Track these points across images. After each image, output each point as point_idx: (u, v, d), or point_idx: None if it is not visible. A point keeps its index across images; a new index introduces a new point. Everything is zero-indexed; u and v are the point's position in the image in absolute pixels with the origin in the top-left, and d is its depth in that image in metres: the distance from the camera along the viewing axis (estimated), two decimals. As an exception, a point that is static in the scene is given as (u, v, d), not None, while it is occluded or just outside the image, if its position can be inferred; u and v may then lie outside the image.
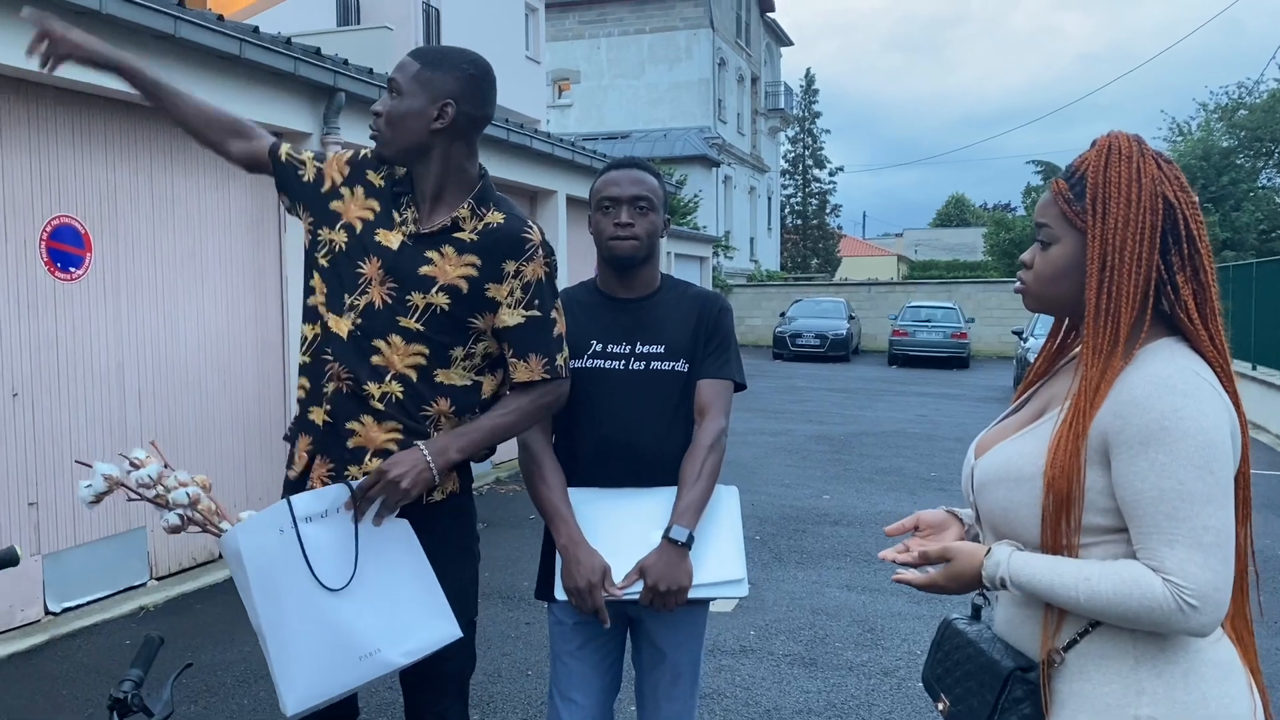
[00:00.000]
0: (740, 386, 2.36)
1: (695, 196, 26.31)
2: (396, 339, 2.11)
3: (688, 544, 2.12)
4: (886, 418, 13.26)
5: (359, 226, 2.16)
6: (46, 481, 4.93)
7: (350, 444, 2.13)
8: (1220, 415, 1.40)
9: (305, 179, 2.24)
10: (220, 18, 5.44)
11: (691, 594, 2.14)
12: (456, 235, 2.14)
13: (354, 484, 2.03)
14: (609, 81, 31.98)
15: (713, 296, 2.40)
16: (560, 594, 2.15)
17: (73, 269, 5.07)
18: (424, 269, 2.12)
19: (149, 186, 5.51)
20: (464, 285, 2.13)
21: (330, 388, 2.14)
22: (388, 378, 2.12)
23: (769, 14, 38.60)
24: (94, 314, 5.18)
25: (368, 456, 2.12)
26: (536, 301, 2.17)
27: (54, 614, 4.96)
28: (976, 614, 1.72)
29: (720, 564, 2.18)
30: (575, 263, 10.42)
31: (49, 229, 4.94)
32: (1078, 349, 1.70)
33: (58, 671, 4.39)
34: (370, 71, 6.81)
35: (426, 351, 2.13)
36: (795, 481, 8.76)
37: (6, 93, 4.73)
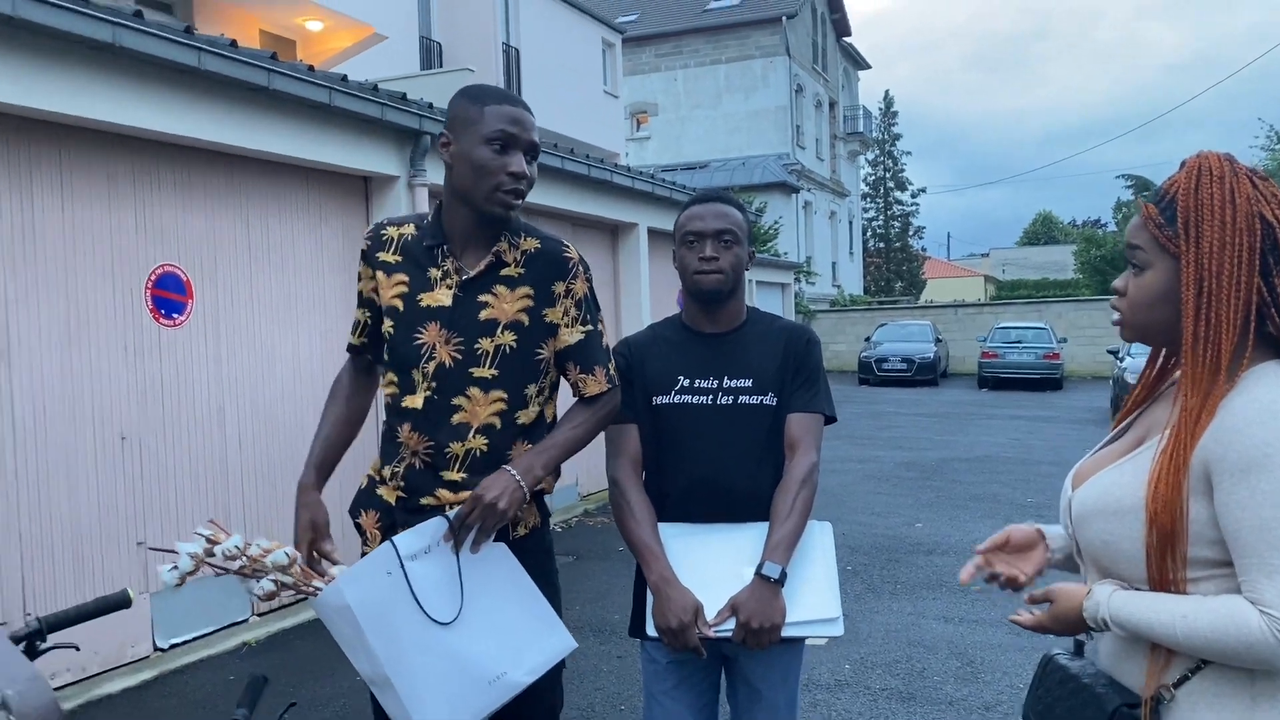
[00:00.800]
0: (830, 419, 2.33)
1: (776, 223, 26.24)
2: (475, 391, 2.10)
3: (781, 581, 2.10)
4: (978, 442, 12.96)
5: (400, 305, 2.14)
6: (154, 522, 5.10)
7: (424, 515, 2.10)
8: None
9: (369, 323, 2.29)
10: (311, 68, 5.63)
11: (785, 632, 2.10)
12: (503, 272, 2.14)
13: (450, 514, 2.02)
14: (686, 112, 32.18)
15: (800, 329, 2.39)
16: (652, 631, 2.14)
17: (176, 315, 5.26)
18: (483, 314, 2.11)
19: (246, 233, 5.71)
20: (525, 318, 2.14)
21: (403, 466, 2.14)
22: (471, 434, 2.10)
23: (845, 39, 38.47)
24: (196, 358, 5.37)
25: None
26: (589, 316, 2.22)
27: (161, 650, 5.11)
28: (1079, 649, 1.67)
29: (814, 602, 2.15)
30: (657, 293, 10.47)
31: (154, 277, 5.15)
32: (1178, 374, 1.64)
33: (166, 706, 4.53)
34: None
35: (505, 396, 2.12)
36: (886, 510, 8.60)
37: (114, 149, 4.96)
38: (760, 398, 2.28)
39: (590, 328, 2.21)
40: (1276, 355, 1.43)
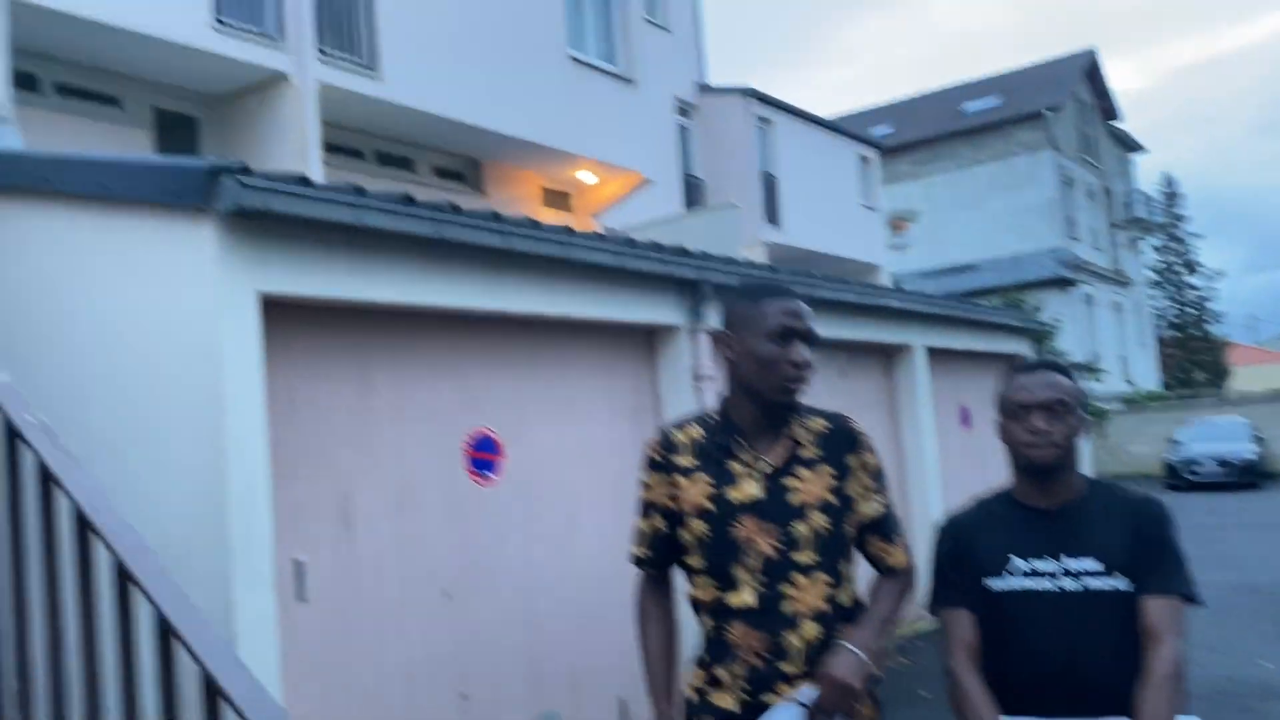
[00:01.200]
0: (1192, 599, 2.15)
1: (1054, 321, 24.92)
2: (800, 578, 2.12)
3: None
4: (1324, 559, 11.45)
5: (711, 505, 2.17)
6: (477, 676, 5.40)
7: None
8: None
9: (665, 531, 2.30)
10: (600, 236, 6.01)
11: None
12: (801, 454, 2.19)
13: (804, 700, 1.99)
14: (948, 215, 31.50)
15: (1151, 501, 2.24)
16: None
17: (489, 474, 5.65)
18: (793, 499, 2.15)
19: (547, 391, 6.08)
20: (833, 498, 2.17)
21: (742, 666, 2.13)
22: (803, 622, 2.11)
23: (1114, 122, 36.61)
24: (509, 515, 5.72)
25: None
26: (882, 486, 2.26)
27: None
28: None
29: None
30: (941, 416, 10.13)
31: (470, 439, 5.57)
32: None
33: None
34: (730, 260, 7.19)
35: (828, 579, 2.13)
36: (1221, 645, 7.72)
37: (433, 326, 5.48)
38: (1112, 583, 2.13)
39: (887, 499, 2.27)
40: None
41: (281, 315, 4.57)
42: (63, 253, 4.83)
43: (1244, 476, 20.42)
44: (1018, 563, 2.18)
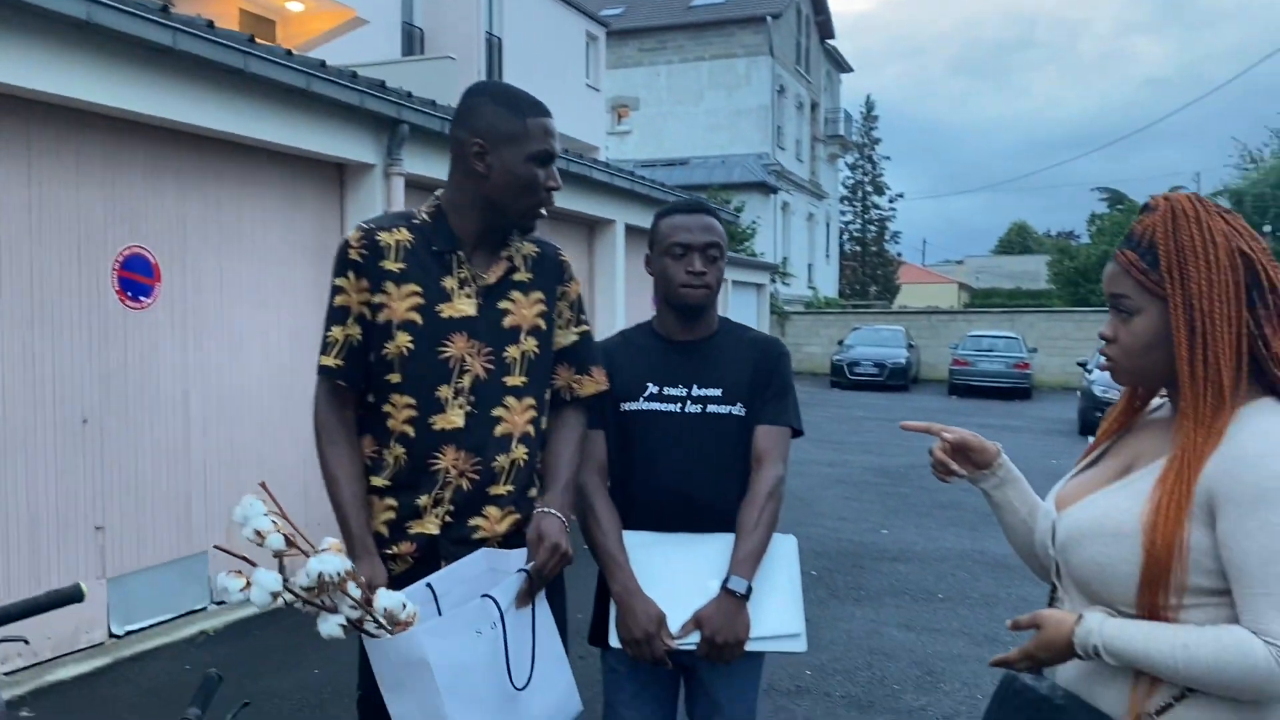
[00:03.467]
0: (798, 433, 2.32)
1: (754, 223, 26.27)
2: (511, 400, 2.05)
3: (746, 595, 2.09)
4: (946, 449, 13.02)
5: (419, 319, 2.01)
6: (113, 507, 5.03)
7: (472, 538, 2.02)
8: None
9: (360, 341, 2.05)
10: (289, 53, 5.56)
11: (748, 647, 2.10)
12: (515, 278, 2.10)
13: (527, 569, 1.93)
14: (668, 108, 32.16)
15: (772, 341, 2.38)
16: (615, 641, 2.12)
17: (143, 298, 5.19)
18: (506, 320, 2.06)
19: (217, 217, 5.63)
20: (542, 323, 2.11)
21: (447, 490, 2.02)
22: (513, 444, 2.05)
23: (829, 40, 38.57)
24: (162, 343, 5.30)
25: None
26: (582, 316, 2.24)
27: (117, 637, 5.04)
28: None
29: (778, 617, 2.14)
30: (633, 290, 10.45)
31: (121, 259, 5.07)
32: (1158, 404, 1.65)
33: (120, 694, 4.46)
34: (434, 104, 6.90)
35: (533, 403, 2.08)
36: (853, 515, 8.64)
37: (83, 127, 4.88)
38: (729, 408, 2.26)
39: (585, 328, 2.23)
40: (1266, 383, 1.46)
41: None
42: None
43: (895, 379, 22.82)
44: (651, 388, 2.26)
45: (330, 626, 1.76)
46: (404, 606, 1.77)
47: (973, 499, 9.49)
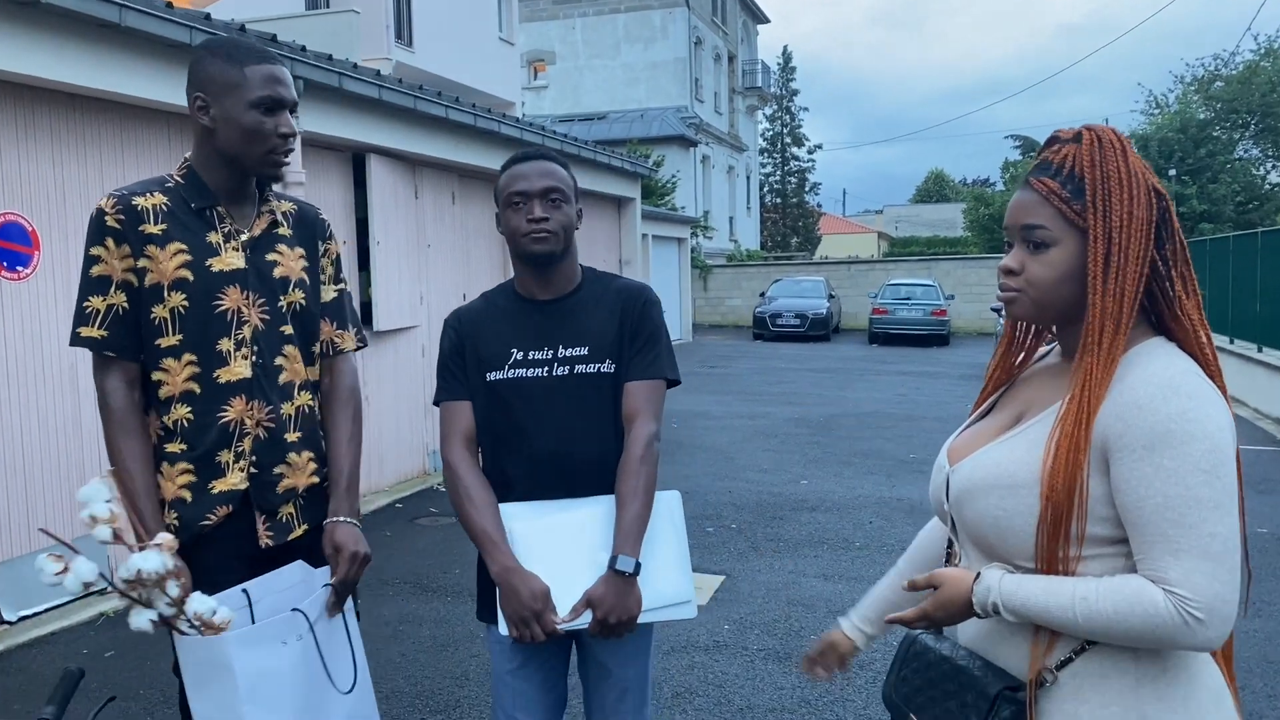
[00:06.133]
0: (674, 383, 2.22)
1: (673, 177, 26.16)
2: (289, 349, 2.12)
3: (636, 573, 2.01)
4: (866, 398, 13.21)
5: (190, 274, 2.01)
6: (0, 487, 4.80)
7: (279, 489, 2.10)
8: (1225, 418, 1.34)
9: (128, 309, 2.01)
10: (169, 5, 5.26)
11: (640, 619, 2.04)
12: (278, 231, 2.14)
13: (332, 583, 2.04)
14: (584, 62, 31.76)
15: (638, 289, 2.25)
16: (505, 628, 2.02)
17: (20, 268, 4.91)
18: (276, 271, 2.11)
19: (99, 180, 5.35)
20: (306, 277, 2.16)
21: (247, 443, 2.05)
22: (296, 391, 2.12)
23: (745, -9, 38.38)
24: (44, 314, 5.03)
25: (297, 498, 2.13)
26: (340, 275, 2.29)
27: (9, 623, 4.82)
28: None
29: (668, 586, 2.07)
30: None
31: (-6, 227, 4.78)
32: (1044, 351, 1.61)
33: (11, 684, 4.28)
34: (329, 58, 6.64)
35: (302, 353, 2.15)
36: (773, 467, 8.68)
37: (-56, 87, 4.56)
38: (598, 365, 2.16)
39: (344, 286, 2.28)
40: (1153, 330, 1.44)
41: None
42: None
43: (816, 329, 23.04)
44: (516, 354, 2.17)
45: (141, 620, 1.77)
46: (214, 612, 1.81)
47: (891, 447, 9.65)
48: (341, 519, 2.09)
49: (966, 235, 37.34)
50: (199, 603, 1.79)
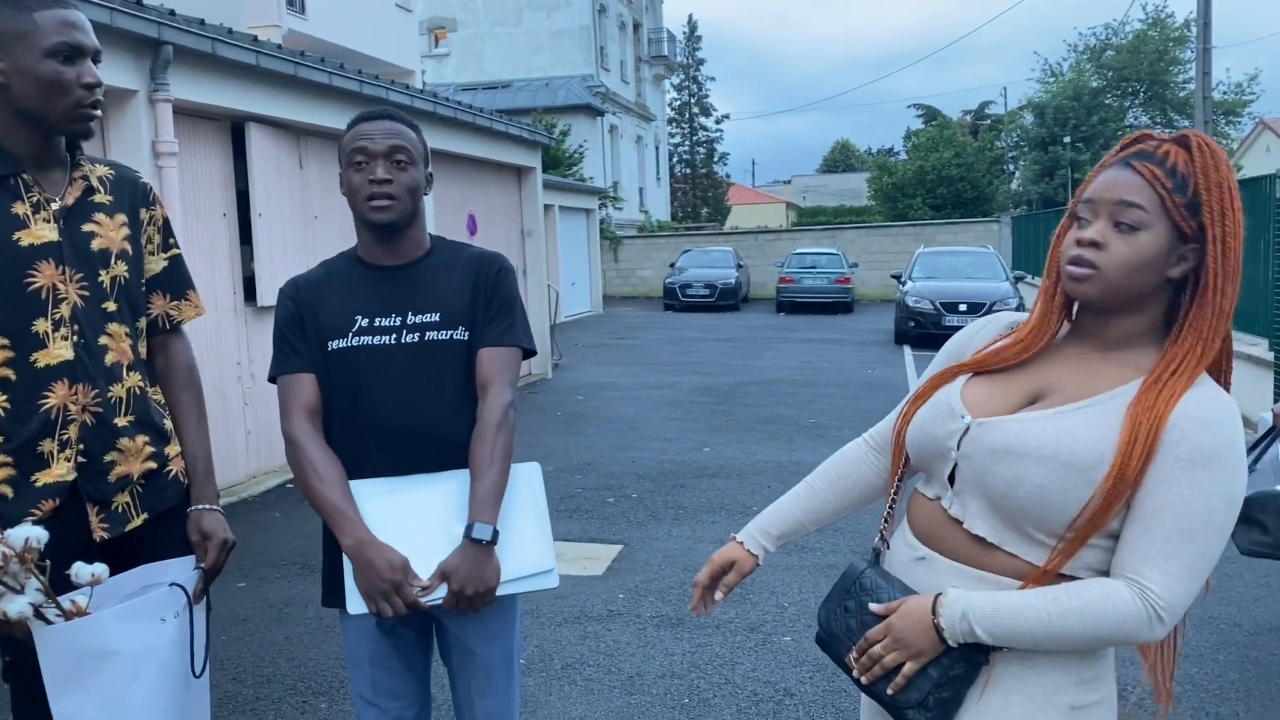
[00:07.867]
0: (529, 353, 2.16)
1: (581, 147, 25.97)
2: (114, 327, 1.96)
3: (493, 541, 1.94)
4: (771, 366, 13.33)
5: None
6: None
7: (111, 477, 1.94)
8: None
9: None
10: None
11: (500, 591, 1.96)
12: (95, 199, 1.97)
13: (203, 567, 2.00)
14: (486, 29, 31.22)
15: (491, 256, 2.18)
16: (356, 607, 1.92)
17: None
18: (94, 244, 1.94)
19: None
20: (129, 247, 2.00)
21: (73, 430, 1.89)
22: (124, 372, 1.97)
23: (649, -41, 38.14)
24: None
25: (133, 485, 1.99)
26: (171, 240, 2.13)
27: None
28: (877, 558, 1.65)
29: (528, 555, 2.00)
30: (443, 224, 10.08)
31: None
32: (1063, 332, 1.55)
33: None
34: (202, 23, 6.35)
35: (128, 330, 1.99)
36: (677, 435, 8.70)
37: None
38: (450, 332, 2.08)
39: (176, 251, 2.13)
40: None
41: None
42: None
43: (725, 299, 23.19)
44: (361, 321, 2.06)
45: (21, 605, 1.67)
46: (89, 582, 1.72)
47: (792, 413, 9.75)
48: (206, 506, 2.05)
49: (871, 204, 37.94)
50: (80, 570, 1.72)
